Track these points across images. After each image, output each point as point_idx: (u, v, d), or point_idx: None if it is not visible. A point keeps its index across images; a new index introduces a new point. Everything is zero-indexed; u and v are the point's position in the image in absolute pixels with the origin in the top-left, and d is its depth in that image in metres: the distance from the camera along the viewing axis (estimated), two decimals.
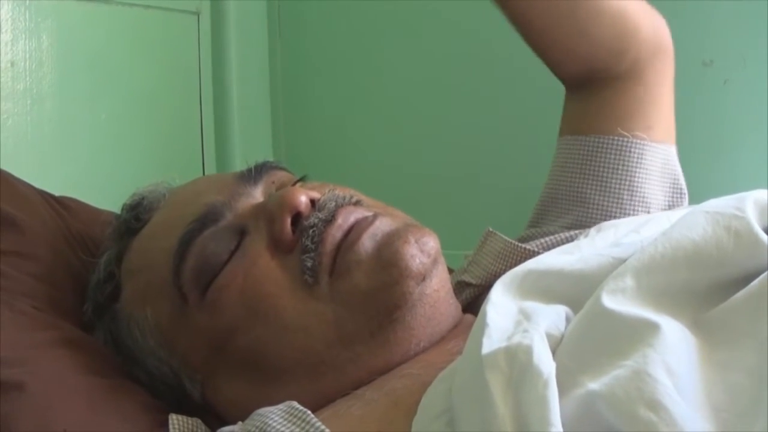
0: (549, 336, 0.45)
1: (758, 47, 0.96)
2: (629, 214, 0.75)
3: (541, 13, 0.74)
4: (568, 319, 0.48)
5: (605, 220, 0.74)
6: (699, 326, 0.45)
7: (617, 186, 0.75)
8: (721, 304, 0.45)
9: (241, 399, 0.59)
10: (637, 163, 0.76)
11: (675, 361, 0.41)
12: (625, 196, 0.75)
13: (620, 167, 0.75)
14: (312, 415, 0.49)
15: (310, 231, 0.58)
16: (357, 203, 0.62)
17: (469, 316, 0.63)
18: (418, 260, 0.57)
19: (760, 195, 0.50)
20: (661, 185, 0.77)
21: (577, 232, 0.71)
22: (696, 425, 0.38)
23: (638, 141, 0.76)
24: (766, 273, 0.44)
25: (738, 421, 0.39)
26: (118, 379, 0.62)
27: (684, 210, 0.59)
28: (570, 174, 0.77)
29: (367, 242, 0.57)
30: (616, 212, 0.75)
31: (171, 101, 1.33)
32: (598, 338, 0.44)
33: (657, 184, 0.77)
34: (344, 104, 1.38)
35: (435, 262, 0.59)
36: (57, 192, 0.80)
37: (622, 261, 0.50)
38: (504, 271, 0.58)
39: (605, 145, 0.76)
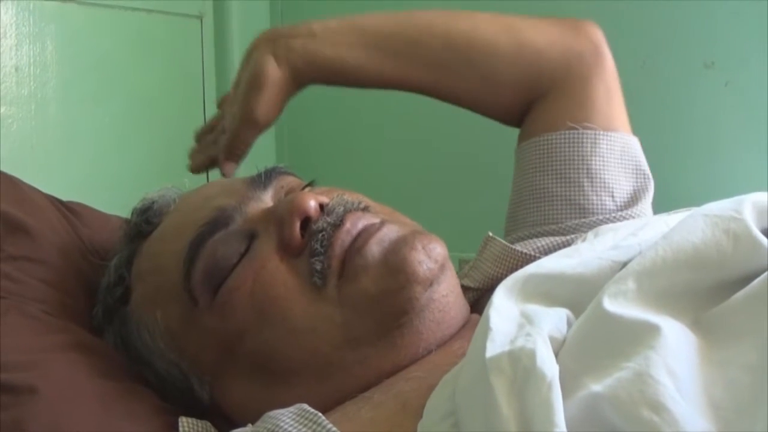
0: (551, 339, 0.45)
1: (759, 49, 0.96)
2: (594, 202, 0.77)
3: (459, 88, 0.82)
4: (569, 323, 0.48)
5: (572, 210, 0.77)
6: (699, 326, 0.45)
7: (576, 175, 0.78)
8: (722, 304, 0.46)
9: (249, 401, 0.60)
10: (591, 150, 0.78)
11: (676, 362, 0.41)
12: (585, 184, 0.77)
13: (576, 157, 0.78)
14: (323, 418, 0.49)
15: (319, 235, 0.59)
16: (365, 209, 0.62)
17: (476, 316, 0.63)
18: (425, 266, 0.57)
19: (758, 197, 0.50)
20: (623, 171, 0.79)
21: (574, 236, 0.72)
22: (697, 425, 0.39)
23: (589, 131, 0.78)
24: (765, 274, 0.45)
25: (738, 418, 0.40)
26: (128, 382, 0.63)
27: (683, 213, 0.60)
28: (530, 175, 0.80)
29: (374, 248, 0.58)
30: (580, 200, 0.77)
31: (174, 105, 1.34)
32: (601, 340, 0.45)
33: (618, 170, 0.79)
34: (347, 107, 1.39)
35: (443, 267, 0.59)
36: (61, 196, 0.81)
37: (622, 264, 0.51)
38: (502, 275, 0.59)
39: (557, 140, 0.79)
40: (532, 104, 0.82)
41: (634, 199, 0.78)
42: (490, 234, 0.74)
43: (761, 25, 0.95)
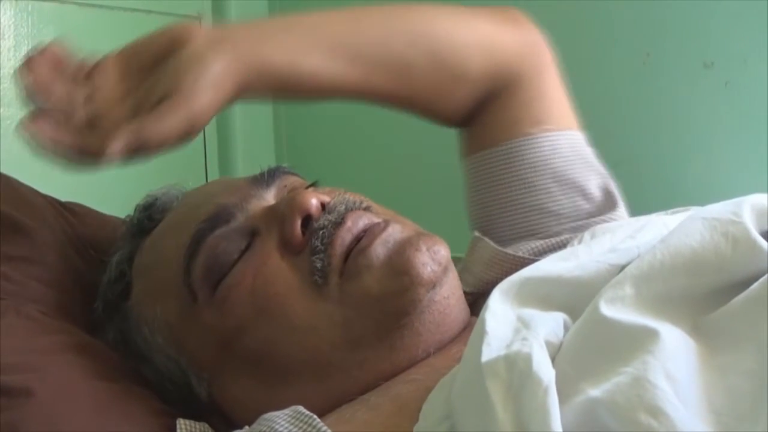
0: (548, 343, 0.45)
1: (759, 49, 0.96)
2: (566, 205, 0.75)
3: (420, 90, 0.74)
4: (566, 327, 0.48)
5: (543, 218, 0.75)
6: (698, 331, 0.45)
7: (542, 181, 0.75)
8: (721, 308, 0.46)
9: (247, 399, 0.60)
10: (551, 153, 0.75)
11: (675, 366, 0.41)
12: (553, 188, 0.75)
13: (539, 163, 0.75)
14: (318, 420, 0.49)
15: (320, 233, 0.59)
16: (367, 208, 0.62)
17: (476, 319, 0.63)
18: (429, 268, 0.57)
19: (757, 199, 0.50)
20: (586, 168, 0.77)
21: (568, 237, 0.71)
22: (696, 430, 0.39)
23: (546, 134, 0.76)
24: (764, 277, 0.44)
25: (739, 425, 0.39)
26: (126, 383, 0.63)
27: (682, 214, 0.60)
28: (494, 187, 0.77)
29: (379, 248, 0.58)
30: (551, 206, 0.75)
31: None
32: (598, 345, 0.44)
33: (581, 167, 0.77)
34: (347, 108, 1.38)
35: (446, 270, 0.59)
36: (60, 197, 0.81)
37: (619, 267, 0.50)
38: (496, 279, 0.58)
39: (517, 148, 0.76)
40: (485, 103, 0.78)
41: (609, 201, 0.76)
42: (477, 234, 0.74)
43: (761, 25, 0.95)
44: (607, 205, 0.76)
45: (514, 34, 0.78)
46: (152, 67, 0.62)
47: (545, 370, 0.41)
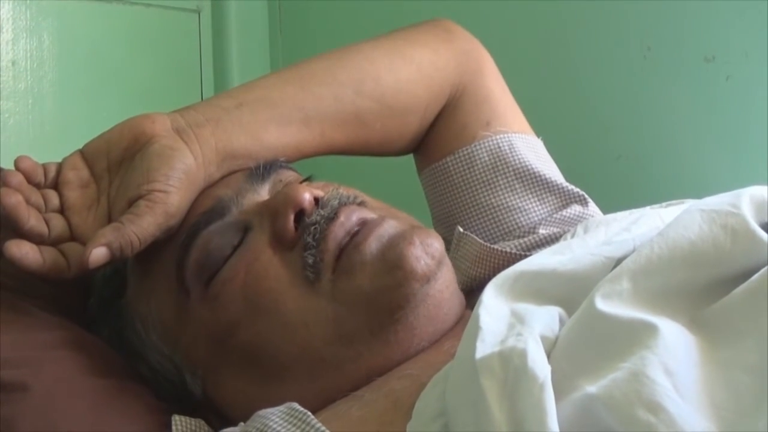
0: (543, 338, 0.45)
1: (760, 43, 0.95)
2: (531, 199, 0.75)
3: (373, 134, 0.76)
4: (561, 321, 0.48)
5: (512, 215, 0.75)
6: (698, 324, 0.45)
7: (504, 180, 0.75)
8: (720, 300, 0.45)
9: (241, 395, 0.60)
10: (509, 151, 0.76)
11: (673, 361, 0.41)
12: (517, 185, 0.75)
13: (498, 162, 0.76)
14: (312, 417, 0.49)
15: (312, 228, 0.58)
16: (361, 204, 0.62)
17: (470, 313, 0.63)
18: (423, 262, 0.57)
19: (756, 191, 0.50)
20: (545, 164, 0.77)
21: (557, 230, 0.71)
22: (696, 425, 0.38)
23: (501, 135, 0.77)
24: (765, 268, 0.44)
25: (740, 420, 0.39)
26: (121, 379, 0.62)
27: (679, 208, 0.59)
28: (455, 195, 0.77)
29: (373, 244, 0.58)
30: (517, 202, 0.75)
31: (172, 99, 1.32)
32: (595, 341, 0.44)
33: (541, 164, 0.77)
34: None
35: (440, 263, 0.59)
36: None
37: (615, 260, 0.50)
38: (486, 276, 0.58)
39: (473, 151, 0.76)
40: (432, 123, 0.79)
41: (573, 192, 0.76)
42: (461, 230, 0.73)
43: (762, 20, 0.95)
44: (575, 197, 0.76)
45: (449, 50, 0.79)
46: (118, 166, 0.65)
47: (541, 366, 0.41)
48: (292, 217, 0.59)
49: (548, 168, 0.78)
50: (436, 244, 0.59)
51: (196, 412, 0.61)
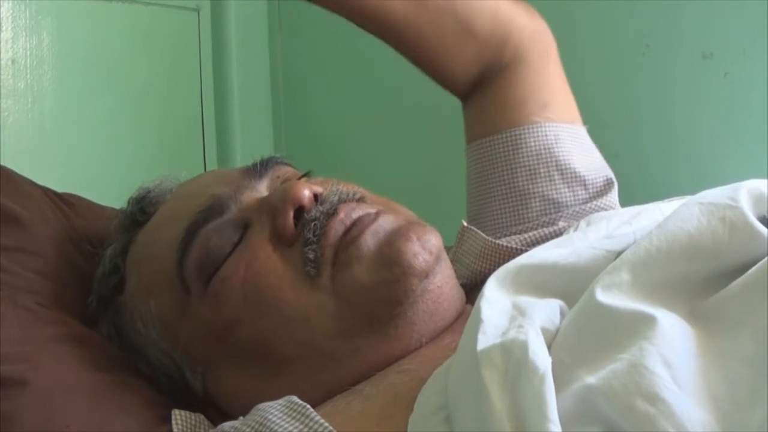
0: (544, 330, 0.45)
1: (758, 40, 0.95)
2: (566, 195, 0.75)
3: (428, 26, 0.75)
4: (562, 314, 0.48)
5: (544, 205, 0.75)
6: (696, 316, 0.45)
7: (545, 170, 0.75)
8: (719, 292, 0.45)
9: (241, 391, 0.60)
10: (555, 143, 0.76)
11: (672, 352, 0.41)
12: (556, 177, 0.75)
13: (543, 151, 0.76)
14: (311, 410, 0.49)
15: (312, 224, 0.58)
16: (360, 199, 0.62)
17: (470, 308, 0.63)
18: (420, 258, 0.57)
19: (753, 184, 0.50)
20: (589, 160, 0.78)
21: (563, 225, 0.71)
22: (694, 416, 0.38)
23: (550, 124, 0.76)
24: (763, 260, 0.44)
25: (737, 411, 0.39)
26: (121, 375, 0.62)
27: (677, 202, 0.59)
28: (497, 172, 0.77)
29: (369, 239, 0.58)
30: (553, 194, 0.75)
31: (172, 98, 1.33)
32: (595, 332, 0.44)
33: (583, 160, 0.77)
34: (345, 100, 1.38)
35: (437, 259, 0.59)
36: (58, 188, 0.81)
37: (615, 253, 0.50)
38: (489, 270, 0.58)
39: (522, 135, 0.76)
40: (490, 77, 0.78)
41: (605, 189, 0.76)
42: (465, 224, 0.73)
43: (760, 17, 0.95)
44: (603, 190, 0.76)
45: (526, 17, 0.79)
46: None
47: (541, 358, 0.41)
48: (291, 214, 0.59)
49: (588, 162, 0.78)
50: (434, 239, 0.59)
51: (196, 407, 0.61)
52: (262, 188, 0.65)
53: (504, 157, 0.77)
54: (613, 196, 0.77)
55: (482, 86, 0.79)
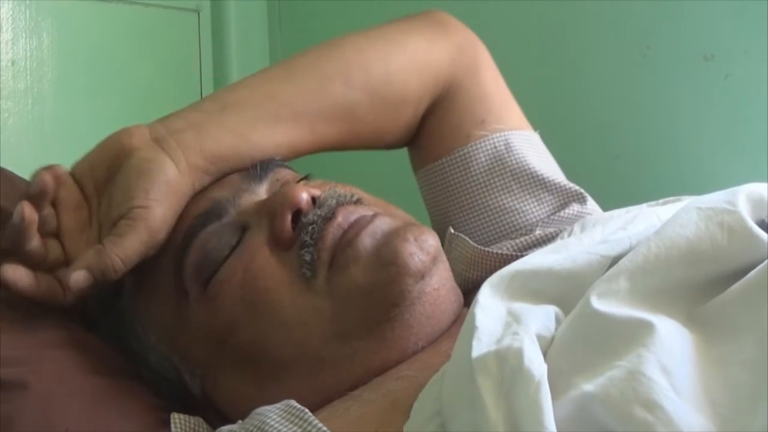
0: (539, 337, 0.44)
1: (759, 41, 0.95)
2: (528, 200, 0.74)
3: (364, 126, 0.74)
4: (558, 320, 0.48)
5: (509, 216, 0.74)
6: (695, 320, 0.45)
7: (501, 182, 0.74)
8: (718, 297, 0.45)
9: (240, 394, 0.60)
10: (505, 151, 0.75)
11: (670, 359, 0.41)
12: (513, 186, 0.74)
13: (494, 163, 0.75)
14: (310, 414, 0.49)
15: (309, 228, 0.58)
16: (358, 202, 0.62)
17: (467, 311, 0.63)
18: (417, 258, 0.57)
19: (752, 189, 0.50)
20: (543, 162, 0.77)
21: (553, 230, 0.71)
22: (693, 423, 0.38)
23: (497, 134, 0.75)
24: (763, 264, 0.44)
25: (737, 417, 0.39)
26: (121, 378, 0.62)
27: (676, 205, 0.59)
28: (452, 196, 0.76)
29: (366, 240, 0.58)
30: (514, 203, 0.74)
31: (172, 99, 1.32)
32: (591, 339, 0.44)
33: (539, 162, 0.76)
34: None
35: (435, 260, 0.59)
36: None
37: (611, 258, 0.50)
38: (481, 278, 0.57)
39: (471, 153, 0.75)
40: (427, 115, 0.78)
41: (572, 190, 0.75)
42: (452, 231, 0.73)
43: (761, 18, 0.95)
44: (573, 195, 0.75)
45: (444, 41, 0.78)
46: (104, 185, 0.64)
47: (537, 365, 0.41)
48: (289, 217, 0.59)
49: (546, 165, 0.77)
50: (431, 240, 0.59)
51: (195, 410, 0.61)
52: (261, 191, 0.65)
53: (456, 178, 0.76)
54: (591, 204, 0.76)
55: (420, 128, 0.79)
